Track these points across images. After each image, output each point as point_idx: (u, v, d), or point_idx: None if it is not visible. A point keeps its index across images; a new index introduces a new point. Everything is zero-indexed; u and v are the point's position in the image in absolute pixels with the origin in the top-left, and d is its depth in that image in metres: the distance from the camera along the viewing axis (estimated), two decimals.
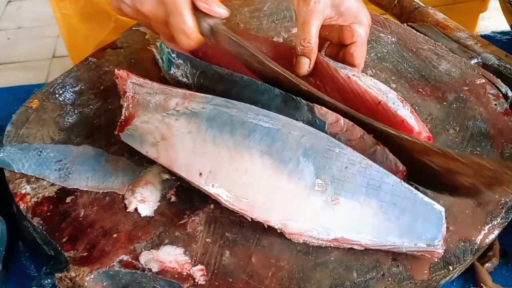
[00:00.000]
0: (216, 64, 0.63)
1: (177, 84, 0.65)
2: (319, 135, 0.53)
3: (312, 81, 0.64)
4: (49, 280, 0.53)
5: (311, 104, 0.56)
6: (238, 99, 0.57)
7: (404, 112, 0.58)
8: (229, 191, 0.52)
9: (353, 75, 0.61)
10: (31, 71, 2.30)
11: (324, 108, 0.56)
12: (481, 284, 0.54)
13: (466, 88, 0.69)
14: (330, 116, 0.56)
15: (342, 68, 0.62)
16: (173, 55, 0.64)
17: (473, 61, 0.75)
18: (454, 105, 0.67)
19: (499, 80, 0.71)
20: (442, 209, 0.50)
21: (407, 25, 0.83)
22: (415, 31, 0.81)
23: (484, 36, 0.85)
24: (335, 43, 0.67)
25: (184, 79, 0.64)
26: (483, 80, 0.70)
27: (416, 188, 0.52)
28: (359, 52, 0.64)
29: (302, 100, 0.57)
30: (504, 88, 0.70)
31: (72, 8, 0.98)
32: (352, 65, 0.64)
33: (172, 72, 0.65)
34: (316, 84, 0.63)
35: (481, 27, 1.74)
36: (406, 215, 0.50)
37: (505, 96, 0.69)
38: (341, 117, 0.56)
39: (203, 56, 0.67)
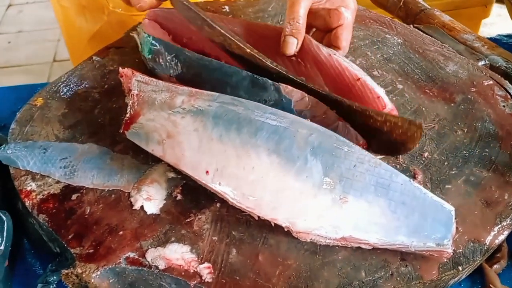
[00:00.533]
0: (200, 50, 0.66)
1: (154, 69, 0.67)
2: (327, 133, 0.53)
3: (293, 57, 0.65)
4: (54, 277, 0.53)
5: (277, 84, 0.58)
6: (208, 82, 0.60)
7: (379, 90, 0.60)
8: (236, 189, 0.52)
9: (334, 54, 0.63)
10: (32, 74, 2.31)
11: (289, 86, 0.58)
12: (490, 285, 0.53)
13: (474, 90, 0.69)
14: (296, 94, 0.57)
15: (324, 47, 0.64)
16: (151, 40, 0.66)
17: (481, 63, 0.75)
18: (462, 107, 0.67)
19: (507, 81, 0.71)
20: (452, 208, 0.50)
21: (413, 26, 0.83)
22: (421, 33, 0.81)
23: (490, 39, 0.84)
24: (320, 29, 0.69)
25: (160, 64, 0.65)
26: (491, 82, 0.70)
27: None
28: (345, 35, 0.65)
29: (269, 80, 0.58)
30: None
31: (69, 0, 0.99)
32: (337, 47, 0.65)
33: (149, 57, 0.66)
34: (296, 61, 0.65)
35: (483, 33, 1.74)
36: (415, 214, 0.50)
37: None
38: (306, 95, 0.57)
39: (187, 42, 0.70)
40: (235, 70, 0.61)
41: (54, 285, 0.53)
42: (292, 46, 0.63)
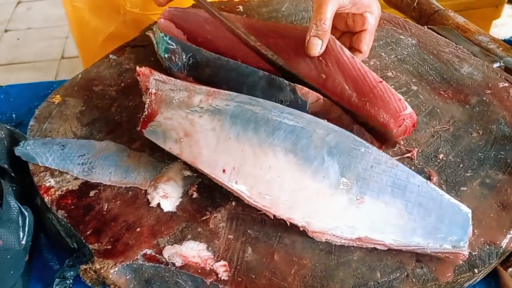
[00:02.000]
0: (216, 49, 0.67)
1: (170, 68, 0.68)
2: (344, 134, 0.53)
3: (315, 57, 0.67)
4: (71, 273, 0.53)
5: (292, 84, 0.59)
6: (225, 82, 0.61)
7: (398, 94, 0.61)
8: (252, 188, 0.52)
9: (356, 58, 0.64)
10: (40, 71, 2.32)
11: (305, 88, 0.59)
12: None
13: (489, 92, 0.69)
14: (311, 96, 0.59)
15: (346, 50, 0.65)
16: (167, 40, 0.67)
17: (496, 65, 0.75)
18: (477, 108, 0.67)
19: None
20: (468, 210, 0.50)
21: (427, 27, 0.83)
22: (435, 34, 0.81)
23: (505, 41, 0.84)
24: (341, 31, 0.71)
25: (176, 63, 0.67)
26: (506, 84, 0.70)
27: None
28: (367, 40, 0.68)
29: (285, 81, 0.60)
30: None
31: (82, 0, 0.99)
32: (358, 50, 0.68)
33: (166, 56, 0.67)
34: (317, 59, 0.66)
35: (494, 34, 1.74)
36: (432, 216, 0.50)
37: None
38: (321, 97, 0.58)
39: (203, 41, 0.71)
40: (252, 70, 0.61)
41: (71, 280, 0.54)
42: (317, 47, 0.64)
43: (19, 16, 2.69)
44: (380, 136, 0.60)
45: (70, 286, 0.54)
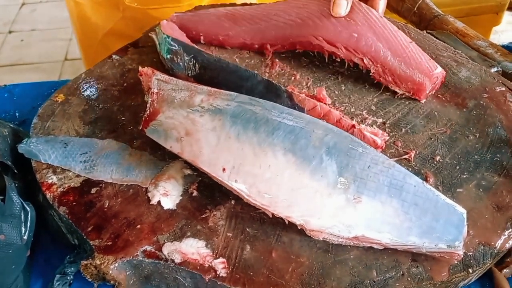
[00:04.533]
0: (241, 43, 0.70)
1: (172, 69, 0.69)
2: (342, 134, 0.54)
3: (343, 17, 0.68)
4: (72, 269, 0.54)
5: (289, 91, 0.61)
6: (224, 84, 0.62)
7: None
8: (251, 186, 0.53)
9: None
10: (44, 72, 2.33)
11: (302, 95, 0.61)
12: None
13: (486, 96, 0.70)
14: (308, 103, 0.60)
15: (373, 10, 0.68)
16: (170, 41, 0.68)
17: (493, 70, 0.75)
18: (474, 112, 0.68)
19: None
20: (464, 211, 0.51)
21: (427, 32, 0.84)
22: (434, 38, 0.81)
23: (503, 46, 0.85)
24: None
25: (178, 64, 0.68)
26: (503, 88, 0.71)
27: None
28: (381, 3, 0.70)
29: (282, 87, 0.61)
30: None
31: None
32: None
33: (168, 57, 0.68)
34: (345, 20, 0.67)
35: (494, 41, 1.75)
36: (427, 215, 0.51)
37: None
38: (318, 103, 0.60)
39: (225, 39, 0.74)
40: (251, 74, 0.62)
41: (72, 276, 0.55)
42: (343, 7, 0.66)
43: (23, 17, 2.71)
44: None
45: (71, 282, 0.55)
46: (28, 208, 0.54)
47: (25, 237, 0.52)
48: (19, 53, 2.47)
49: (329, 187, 0.52)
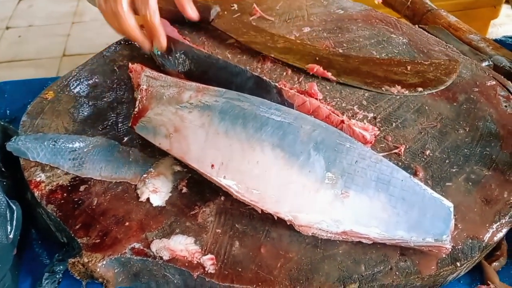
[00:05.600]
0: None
1: (163, 65, 0.69)
2: (330, 129, 0.54)
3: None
4: (61, 267, 0.54)
5: (278, 87, 0.60)
6: (215, 80, 0.62)
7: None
8: (240, 182, 0.53)
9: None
10: (41, 68, 2.32)
11: (291, 90, 0.60)
12: (488, 282, 0.54)
13: (477, 90, 0.70)
14: (297, 98, 0.60)
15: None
16: None
17: (484, 64, 0.75)
18: (464, 106, 0.68)
19: (509, 82, 0.71)
20: (450, 204, 0.51)
21: (419, 27, 0.83)
22: (426, 33, 0.81)
23: (496, 40, 0.85)
24: None
25: (169, 60, 0.68)
26: (494, 82, 0.71)
27: None
28: None
29: (272, 83, 0.61)
30: None
31: None
32: None
33: (159, 53, 0.68)
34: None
35: (492, 34, 1.74)
36: (414, 209, 0.51)
37: None
38: (307, 99, 0.60)
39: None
40: (241, 70, 0.62)
41: (61, 275, 0.55)
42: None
43: (21, 13, 2.70)
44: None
45: (60, 280, 0.55)
46: (14, 207, 0.53)
47: (11, 236, 0.52)
48: (16, 49, 2.46)
49: (317, 182, 0.52)
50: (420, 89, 0.69)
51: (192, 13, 0.68)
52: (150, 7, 0.60)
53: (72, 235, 0.53)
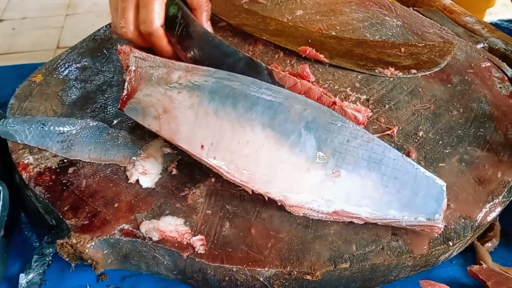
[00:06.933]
0: None
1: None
2: (321, 109, 0.53)
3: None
4: (50, 249, 0.54)
5: (270, 68, 0.59)
6: (207, 59, 0.61)
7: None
8: (230, 163, 0.52)
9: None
10: (36, 60, 2.29)
11: (282, 72, 0.59)
12: (481, 263, 0.54)
13: (471, 71, 0.69)
14: (288, 80, 0.59)
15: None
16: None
17: (479, 46, 0.74)
18: (459, 87, 0.67)
19: (504, 64, 0.71)
20: (443, 183, 0.50)
21: (413, 9, 0.83)
22: (420, 15, 0.80)
23: (491, 24, 0.84)
24: None
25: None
26: (488, 64, 0.70)
27: None
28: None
29: (262, 64, 0.60)
30: (509, 71, 0.70)
31: None
32: None
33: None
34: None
35: None
36: (407, 189, 0.50)
37: (510, 80, 0.69)
38: (298, 81, 0.59)
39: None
40: (233, 51, 0.61)
41: (50, 257, 0.54)
42: None
43: (14, 5, 2.68)
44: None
45: (49, 262, 0.54)
46: (0, 187, 0.53)
47: None
48: (10, 41, 2.45)
49: (308, 161, 0.51)
50: (413, 71, 0.69)
51: None
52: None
53: (61, 216, 0.52)
